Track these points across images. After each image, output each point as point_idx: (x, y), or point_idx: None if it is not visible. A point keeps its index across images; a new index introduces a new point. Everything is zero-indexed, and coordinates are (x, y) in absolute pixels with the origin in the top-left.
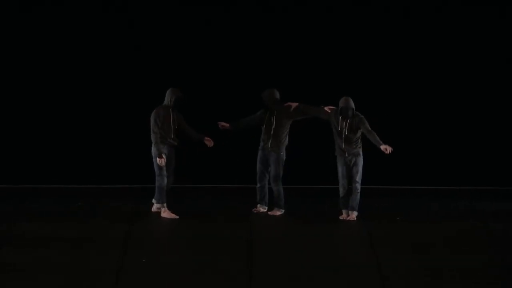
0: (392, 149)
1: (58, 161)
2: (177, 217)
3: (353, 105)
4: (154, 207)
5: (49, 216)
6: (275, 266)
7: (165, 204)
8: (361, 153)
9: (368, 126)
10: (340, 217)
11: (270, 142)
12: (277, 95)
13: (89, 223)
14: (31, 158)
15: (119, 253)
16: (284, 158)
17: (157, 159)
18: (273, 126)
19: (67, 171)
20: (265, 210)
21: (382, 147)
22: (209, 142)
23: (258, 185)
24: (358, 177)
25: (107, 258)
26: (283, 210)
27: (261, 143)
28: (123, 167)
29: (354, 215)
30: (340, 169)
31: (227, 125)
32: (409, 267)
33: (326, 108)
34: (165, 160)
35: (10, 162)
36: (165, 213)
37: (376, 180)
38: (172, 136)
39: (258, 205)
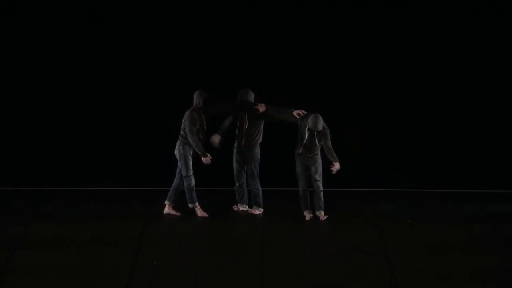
0: (339, 169)
1: (72, 163)
2: (207, 215)
3: (321, 126)
4: (166, 209)
5: (63, 218)
6: (286, 268)
7: (197, 203)
8: (319, 154)
9: (329, 142)
10: (307, 218)
11: (243, 141)
12: (251, 95)
13: (102, 225)
14: (44, 161)
15: (132, 254)
16: (259, 156)
17: (203, 158)
18: (245, 126)
19: (80, 173)
20: (246, 209)
21: (335, 164)
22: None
23: (237, 184)
24: (318, 176)
25: (120, 260)
26: (262, 209)
27: (236, 143)
28: (135, 169)
29: (322, 214)
30: (299, 169)
31: (218, 139)
32: (421, 270)
33: (295, 113)
34: (210, 159)
35: (24, 164)
36: (199, 212)
37: (387, 182)
38: (201, 138)
39: (239, 204)
